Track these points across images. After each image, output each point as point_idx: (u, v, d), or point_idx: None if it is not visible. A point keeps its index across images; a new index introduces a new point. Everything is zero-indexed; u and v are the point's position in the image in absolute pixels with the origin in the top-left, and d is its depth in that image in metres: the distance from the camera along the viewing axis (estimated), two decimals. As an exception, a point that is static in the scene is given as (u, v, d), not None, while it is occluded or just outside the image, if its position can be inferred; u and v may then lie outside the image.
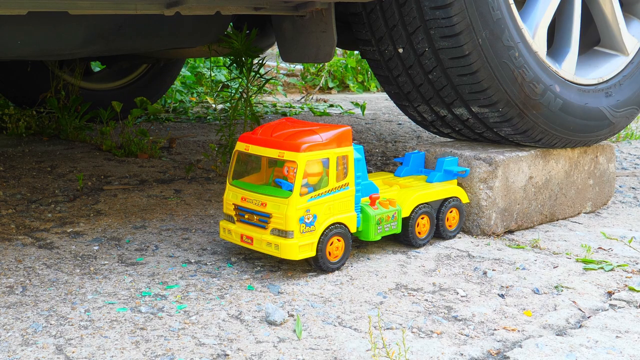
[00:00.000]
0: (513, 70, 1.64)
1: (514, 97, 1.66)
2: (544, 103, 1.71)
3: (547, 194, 1.79)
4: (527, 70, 1.66)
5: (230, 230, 1.44)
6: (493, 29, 1.60)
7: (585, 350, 1.12)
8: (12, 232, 1.63)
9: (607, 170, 1.95)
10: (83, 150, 2.56)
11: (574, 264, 1.53)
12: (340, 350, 1.10)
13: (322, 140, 1.37)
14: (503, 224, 1.70)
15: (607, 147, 1.94)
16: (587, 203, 1.92)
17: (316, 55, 1.74)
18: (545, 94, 1.70)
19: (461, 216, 1.65)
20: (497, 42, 1.62)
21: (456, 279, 1.42)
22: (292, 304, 1.27)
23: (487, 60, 1.61)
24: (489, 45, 1.61)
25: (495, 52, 1.61)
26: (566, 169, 1.83)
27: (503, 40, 1.62)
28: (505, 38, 1.62)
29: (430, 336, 1.16)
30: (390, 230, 1.49)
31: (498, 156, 1.67)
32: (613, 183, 1.98)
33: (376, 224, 1.46)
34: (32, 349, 1.07)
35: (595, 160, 1.91)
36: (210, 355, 1.07)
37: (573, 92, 1.77)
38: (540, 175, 1.76)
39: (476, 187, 1.67)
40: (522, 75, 1.66)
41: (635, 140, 3.13)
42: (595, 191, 1.93)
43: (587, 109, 1.80)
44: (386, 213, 1.47)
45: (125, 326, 1.16)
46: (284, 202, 1.34)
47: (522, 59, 1.66)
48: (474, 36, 1.59)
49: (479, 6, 1.58)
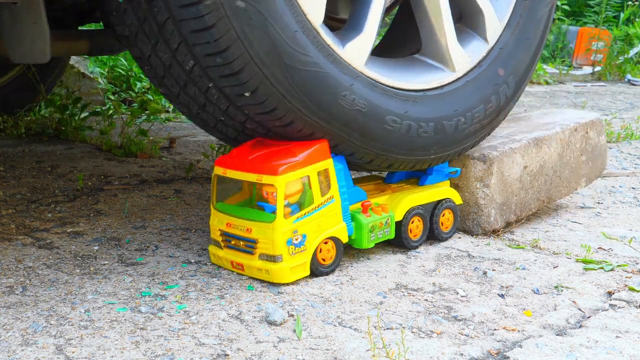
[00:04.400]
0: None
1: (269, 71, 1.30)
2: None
3: (542, 180, 1.79)
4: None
5: (219, 257, 1.42)
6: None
7: (585, 350, 1.12)
8: (12, 232, 1.62)
9: (598, 144, 1.94)
10: (83, 150, 2.56)
11: (574, 264, 1.53)
12: (340, 350, 1.10)
13: (299, 159, 1.34)
14: (503, 218, 1.70)
15: (597, 122, 1.93)
16: (581, 180, 1.92)
17: (32, 51, 1.49)
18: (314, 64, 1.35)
19: (455, 217, 1.65)
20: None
21: (456, 279, 1.42)
22: (292, 304, 1.27)
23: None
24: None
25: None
26: (559, 151, 1.82)
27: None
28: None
29: (430, 336, 1.16)
30: (384, 237, 1.48)
31: (492, 152, 1.67)
32: (605, 154, 1.97)
33: (369, 232, 1.44)
34: (32, 349, 1.07)
35: (586, 136, 1.89)
36: (210, 355, 1.07)
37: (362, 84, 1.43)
38: (535, 162, 1.76)
39: (473, 186, 1.67)
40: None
41: (635, 140, 3.13)
42: (589, 166, 1.93)
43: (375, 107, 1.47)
44: (379, 220, 1.46)
45: (125, 326, 1.16)
46: (269, 227, 1.32)
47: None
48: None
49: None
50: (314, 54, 1.33)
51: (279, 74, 1.29)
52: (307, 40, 1.32)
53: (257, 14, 1.24)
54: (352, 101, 1.40)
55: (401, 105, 1.49)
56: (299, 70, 1.31)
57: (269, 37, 1.27)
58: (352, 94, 1.40)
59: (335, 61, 1.38)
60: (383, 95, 1.46)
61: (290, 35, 1.29)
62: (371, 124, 1.43)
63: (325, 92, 1.35)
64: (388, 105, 1.46)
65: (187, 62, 1.30)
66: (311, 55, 1.32)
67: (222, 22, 1.22)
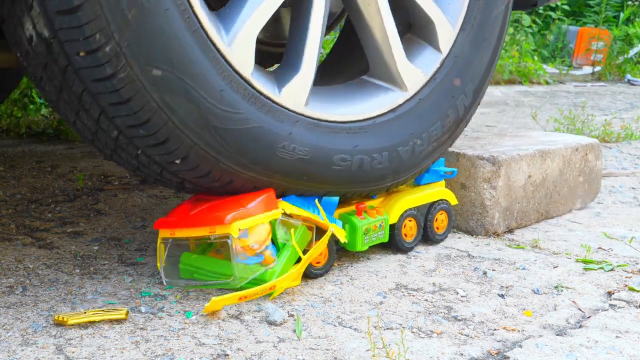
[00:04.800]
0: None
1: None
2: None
3: (543, 192, 1.80)
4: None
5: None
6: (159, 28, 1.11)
7: (585, 350, 1.12)
8: (12, 232, 1.62)
9: (595, 167, 1.96)
10: (83, 150, 2.56)
11: (574, 264, 1.53)
12: (340, 350, 1.10)
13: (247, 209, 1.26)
14: (505, 222, 1.71)
15: (595, 145, 1.95)
16: (577, 200, 1.93)
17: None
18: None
19: (450, 219, 1.64)
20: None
21: (456, 279, 1.42)
22: (292, 304, 1.27)
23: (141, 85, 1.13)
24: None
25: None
26: (560, 167, 1.84)
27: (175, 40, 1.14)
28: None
29: (430, 336, 1.16)
30: (378, 240, 1.47)
31: (501, 155, 1.68)
32: (600, 180, 2.00)
33: (363, 234, 1.43)
34: (32, 349, 1.07)
35: (585, 158, 1.91)
36: (210, 355, 1.07)
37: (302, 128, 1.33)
38: (538, 173, 1.77)
39: (480, 187, 1.67)
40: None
41: (635, 140, 3.13)
42: (585, 188, 1.94)
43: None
44: (373, 222, 1.45)
45: (125, 326, 1.16)
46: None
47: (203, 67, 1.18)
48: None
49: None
50: (245, 109, 1.24)
51: (208, 138, 1.21)
52: (237, 95, 1.23)
53: (177, 80, 1.15)
54: (292, 150, 1.30)
55: (350, 140, 1.39)
56: (230, 130, 1.22)
57: (193, 102, 1.17)
58: (292, 143, 1.30)
59: (271, 111, 1.28)
60: (329, 134, 1.36)
61: (216, 96, 1.20)
62: (318, 168, 1.34)
63: (261, 147, 1.27)
64: (335, 143, 1.37)
65: (112, 132, 1.21)
66: (242, 111, 1.23)
67: (139, 95, 1.13)
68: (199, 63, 1.17)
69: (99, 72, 1.11)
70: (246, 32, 1.24)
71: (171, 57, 1.14)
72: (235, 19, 1.24)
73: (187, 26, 1.15)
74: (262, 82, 1.27)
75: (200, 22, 1.18)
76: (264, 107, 1.27)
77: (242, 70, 1.24)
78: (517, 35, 5.84)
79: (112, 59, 1.10)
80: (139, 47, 1.10)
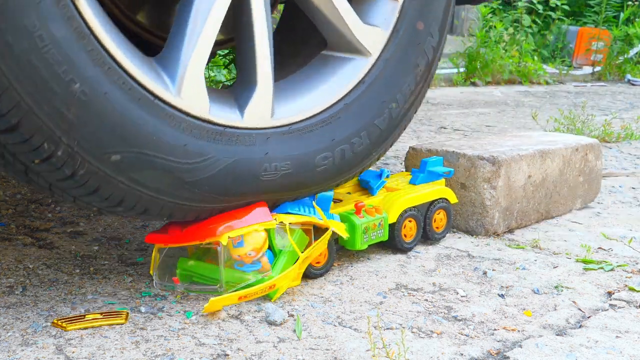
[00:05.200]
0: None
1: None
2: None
3: (543, 192, 1.80)
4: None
5: None
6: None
7: (585, 350, 1.12)
8: (12, 232, 1.62)
9: (595, 167, 1.96)
10: (83, 150, 2.56)
11: (574, 264, 1.53)
12: (340, 350, 1.10)
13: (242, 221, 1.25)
14: (505, 223, 1.71)
15: (595, 145, 1.96)
16: (577, 200, 1.93)
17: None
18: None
19: (449, 218, 1.63)
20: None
21: (456, 279, 1.42)
22: (292, 304, 1.27)
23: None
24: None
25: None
26: (560, 167, 1.84)
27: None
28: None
29: (430, 336, 1.16)
30: (377, 238, 1.46)
31: (501, 155, 1.68)
32: (600, 180, 2.00)
33: (362, 233, 1.42)
34: (32, 349, 1.07)
35: (585, 158, 1.92)
36: (210, 355, 1.07)
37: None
38: (538, 174, 1.77)
39: (480, 187, 1.67)
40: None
41: (635, 140, 3.13)
42: (585, 188, 1.95)
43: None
44: (372, 221, 1.44)
45: (125, 326, 1.16)
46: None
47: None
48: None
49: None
50: (214, 150, 1.17)
51: (188, 194, 1.17)
52: (202, 141, 1.16)
53: (138, 155, 1.09)
54: (275, 169, 1.25)
55: (326, 135, 1.31)
56: (206, 178, 1.18)
57: (161, 169, 1.12)
58: (272, 162, 1.25)
59: (240, 139, 1.21)
60: (303, 137, 1.28)
61: (181, 152, 1.14)
62: (304, 176, 1.30)
63: (244, 180, 1.22)
64: (312, 145, 1.30)
65: (92, 208, 1.19)
66: (212, 154, 1.17)
67: (106, 182, 1.09)
68: (153, 129, 1.10)
69: (59, 174, 1.07)
70: (192, 73, 1.15)
71: (124, 136, 1.08)
72: (177, 62, 1.14)
73: (131, 97, 1.08)
74: (223, 114, 1.20)
75: (143, 86, 1.10)
76: (232, 139, 1.21)
77: (199, 113, 1.16)
78: (517, 35, 5.84)
79: (67, 160, 1.05)
80: (90, 141, 1.05)
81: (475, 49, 5.34)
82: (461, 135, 3.12)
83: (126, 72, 1.07)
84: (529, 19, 6.32)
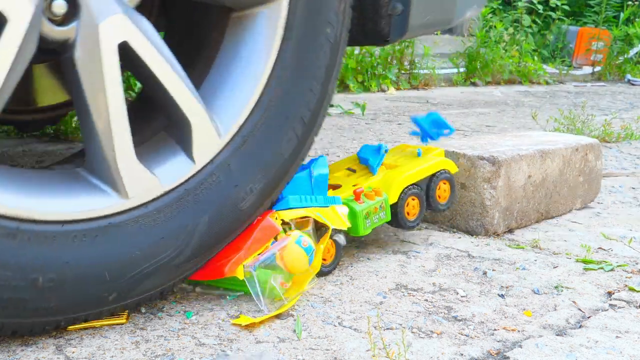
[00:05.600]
0: None
1: None
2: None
3: (543, 192, 1.80)
4: None
5: None
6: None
7: (585, 350, 1.12)
8: (12, 232, 1.62)
9: (595, 167, 1.96)
10: (83, 150, 2.56)
11: (574, 264, 1.53)
12: (340, 350, 1.10)
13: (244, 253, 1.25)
14: (505, 222, 1.71)
15: (595, 145, 1.96)
16: (577, 200, 1.93)
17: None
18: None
19: (452, 188, 1.60)
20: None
21: (456, 279, 1.42)
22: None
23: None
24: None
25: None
26: (560, 167, 1.84)
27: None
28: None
29: (430, 336, 1.16)
30: (380, 221, 1.45)
31: (501, 155, 1.68)
32: (600, 180, 2.00)
33: (364, 219, 1.41)
34: (32, 349, 1.07)
35: (585, 158, 1.92)
36: (210, 355, 1.07)
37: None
38: (538, 173, 1.77)
39: (480, 187, 1.67)
40: None
41: (635, 140, 3.13)
42: (585, 188, 1.95)
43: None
44: (373, 205, 1.43)
45: (125, 326, 1.16)
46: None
47: None
48: None
49: None
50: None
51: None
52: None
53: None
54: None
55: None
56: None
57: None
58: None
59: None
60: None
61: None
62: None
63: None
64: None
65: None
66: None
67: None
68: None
69: None
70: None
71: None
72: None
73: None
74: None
75: None
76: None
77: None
78: (517, 35, 5.84)
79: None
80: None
81: (475, 49, 5.34)
82: (461, 135, 3.12)
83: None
84: (529, 19, 6.32)
